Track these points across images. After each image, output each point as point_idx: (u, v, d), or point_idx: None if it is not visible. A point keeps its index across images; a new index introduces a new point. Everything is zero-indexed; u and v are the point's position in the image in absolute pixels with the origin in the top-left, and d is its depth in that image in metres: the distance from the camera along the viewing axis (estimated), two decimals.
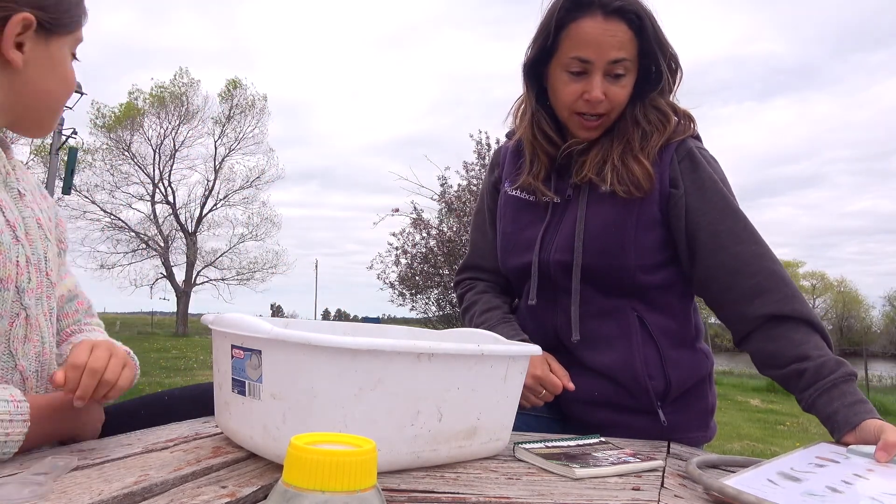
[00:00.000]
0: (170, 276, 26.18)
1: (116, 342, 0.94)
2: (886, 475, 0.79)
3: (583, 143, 1.21)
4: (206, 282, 27.46)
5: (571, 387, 1.17)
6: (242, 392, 0.77)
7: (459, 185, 10.72)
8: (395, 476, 0.77)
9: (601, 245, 1.16)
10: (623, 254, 1.16)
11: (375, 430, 0.73)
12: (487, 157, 10.32)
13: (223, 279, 27.72)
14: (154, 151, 25.65)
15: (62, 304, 1.02)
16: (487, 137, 10.59)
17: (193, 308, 26.62)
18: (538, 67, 1.21)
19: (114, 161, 25.07)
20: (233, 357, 0.78)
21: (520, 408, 0.96)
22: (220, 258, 27.41)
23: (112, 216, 25.26)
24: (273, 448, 0.74)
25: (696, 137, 1.22)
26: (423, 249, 10.89)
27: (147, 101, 25.29)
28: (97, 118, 24.47)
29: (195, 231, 26.42)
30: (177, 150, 25.94)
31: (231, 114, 26.52)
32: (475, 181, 10.38)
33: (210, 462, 0.76)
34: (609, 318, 1.19)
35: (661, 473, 0.85)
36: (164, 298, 30.26)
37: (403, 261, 11.20)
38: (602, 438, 1.02)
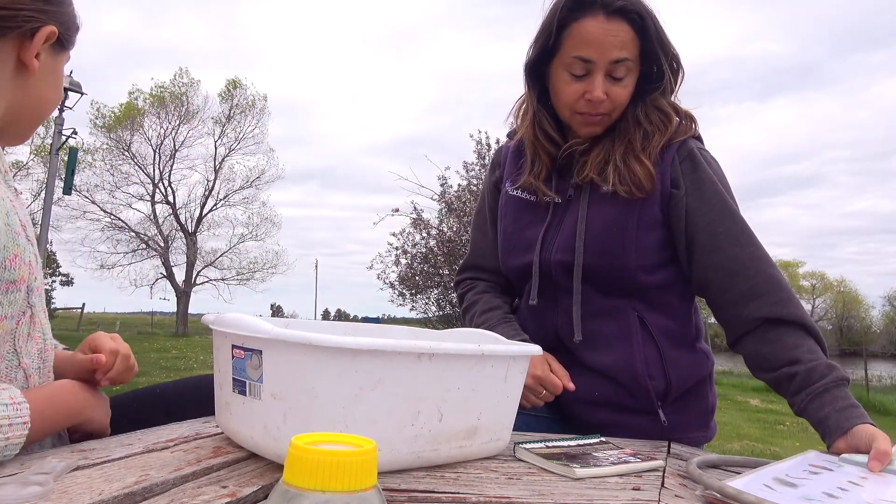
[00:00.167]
0: (170, 277, 26.18)
1: None
2: (881, 483, 0.79)
3: (585, 143, 1.21)
4: (206, 282, 27.46)
5: (572, 387, 1.17)
6: (243, 392, 0.77)
7: (459, 185, 10.73)
8: (396, 476, 0.77)
9: (602, 245, 1.16)
10: (624, 254, 1.16)
11: (376, 430, 0.73)
12: (487, 158, 10.32)
13: (223, 279, 27.72)
14: (154, 151, 25.66)
15: None
16: (487, 137, 10.60)
17: (193, 308, 26.63)
18: (539, 67, 1.21)
19: (114, 161, 25.07)
20: (233, 357, 0.78)
21: (520, 408, 0.96)
22: (220, 258, 27.41)
23: (112, 216, 25.27)
24: (274, 448, 0.74)
25: (698, 138, 1.22)
26: (423, 249, 10.90)
27: (147, 101, 25.28)
28: (97, 118, 24.48)
29: (195, 231, 26.41)
30: (177, 150, 25.94)
31: (231, 114, 26.51)
32: (475, 181, 10.38)
33: (211, 462, 0.76)
34: (609, 318, 1.19)
35: (662, 473, 0.85)
36: (165, 298, 30.33)
37: (403, 261, 11.21)
38: (602, 438, 1.02)
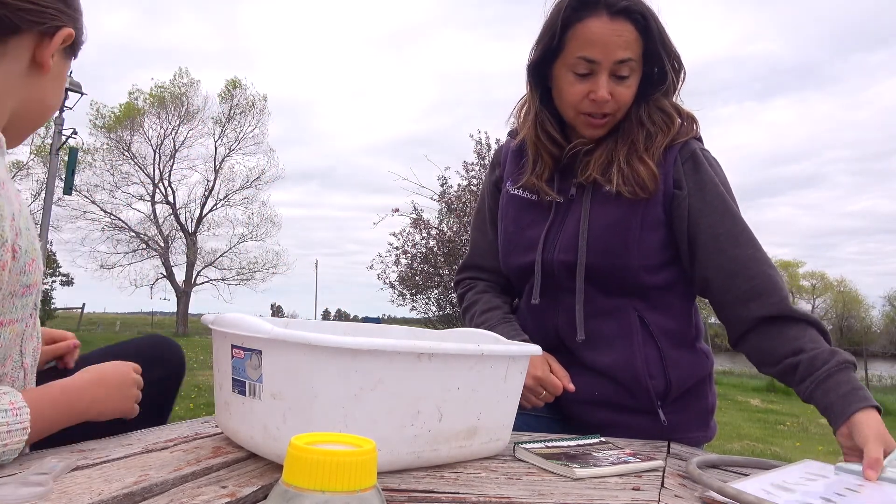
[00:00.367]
0: (170, 277, 26.18)
1: None
2: (877, 490, 0.79)
3: (589, 144, 1.21)
4: (207, 282, 27.45)
5: (572, 388, 1.17)
6: (243, 392, 0.77)
7: (459, 185, 10.73)
8: (396, 476, 0.77)
9: (605, 245, 1.16)
10: (627, 254, 1.15)
11: (376, 430, 0.73)
12: (487, 157, 10.32)
13: (223, 279, 27.71)
14: (154, 151, 25.65)
15: None
16: (487, 137, 10.59)
17: (193, 308, 26.62)
18: (542, 68, 1.21)
19: (114, 161, 25.07)
20: (233, 357, 0.78)
21: (520, 408, 0.96)
22: (220, 258, 27.41)
23: (112, 216, 25.26)
24: (273, 448, 0.74)
25: (698, 139, 1.22)
26: (423, 249, 10.89)
27: (147, 101, 25.29)
28: (97, 118, 24.48)
29: (195, 231, 26.41)
30: (177, 150, 25.93)
31: (231, 114, 26.51)
32: (475, 181, 10.38)
33: (210, 462, 0.76)
34: (610, 318, 1.19)
35: (662, 473, 0.85)
36: (165, 298, 30.33)
37: (403, 261, 11.20)
38: (602, 438, 1.02)
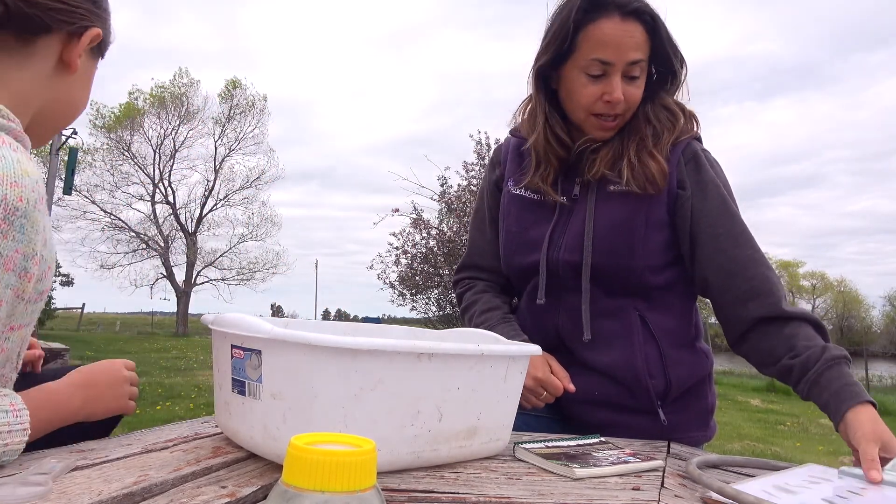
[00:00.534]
0: (170, 277, 26.19)
1: None
2: (879, 494, 0.79)
3: (598, 143, 1.20)
4: (207, 282, 27.48)
5: (572, 388, 1.17)
6: (242, 392, 0.77)
7: (459, 185, 10.74)
8: (396, 476, 0.77)
9: (610, 245, 1.16)
10: (631, 254, 1.16)
11: (375, 430, 0.73)
12: (487, 157, 10.31)
13: (223, 279, 27.74)
14: (154, 151, 25.68)
15: None
16: (487, 137, 10.61)
17: (193, 308, 26.64)
18: (549, 70, 1.20)
19: (114, 161, 25.09)
20: (233, 357, 0.78)
21: (520, 408, 0.96)
22: (220, 258, 27.44)
23: (112, 216, 25.29)
24: (273, 448, 0.74)
25: (698, 139, 1.23)
26: (424, 249, 10.90)
27: (147, 102, 25.30)
28: (97, 118, 24.48)
29: (195, 231, 26.43)
30: (177, 151, 25.96)
31: (231, 114, 26.54)
32: (475, 181, 10.38)
33: (210, 462, 0.76)
34: (611, 318, 1.19)
35: (661, 473, 0.85)
36: (165, 298, 30.34)
37: (403, 261, 11.21)
38: (602, 438, 1.02)
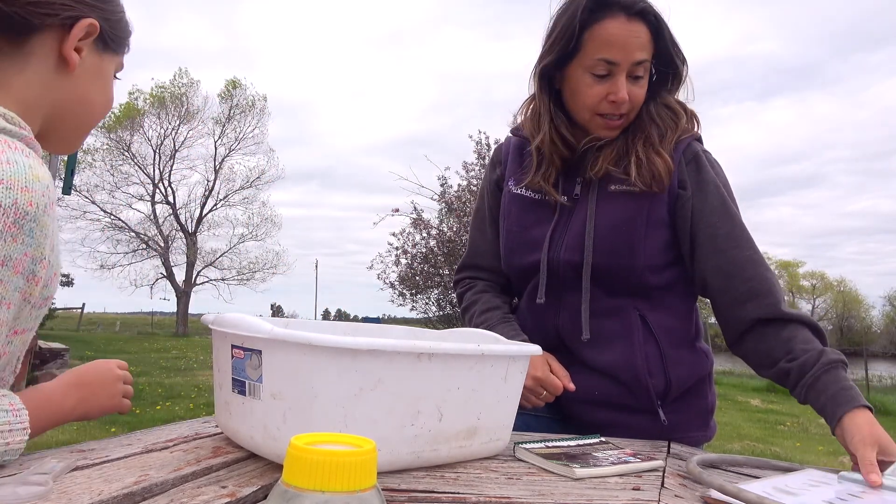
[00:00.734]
0: (170, 277, 26.21)
1: None
2: (879, 498, 0.79)
3: (602, 140, 1.20)
4: (207, 282, 27.50)
5: (572, 387, 1.17)
6: (243, 392, 0.77)
7: (459, 185, 10.74)
8: (396, 476, 0.77)
9: (611, 244, 1.16)
10: (632, 253, 1.16)
11: (376, 430, 0.73)
12: (487, 158, 10.32)
13: (223, 279, 27.75)
14: (154, 152, 25.70)
15: None
16: (487, 138, 10.61)
17: (193, 308, 26.66)
18: (551, 70, 1.20)
19: (114, 161, 25.10)
20: (233, 357, 0.78)
21: (520, 408, 0.96)
22: (221, 258, 27.45)
23: (112, 216, 25.31)
24: (273, 448, 0.74)
25: (698, 139, 1.23)
26: (424, 249, 10.90)
27: (147, 102, 25.31)
28: None
29: (195, 231, 26.44)
30: (177, 151, 25.98)
31: (231, 114, 26.55)
32: (475, 181, 10.39)
33: (210, 462, 0.76)
34: (612, 317, 1.19)
35: (662, 473, 0.85)
36: (165, 298, 30.33)
37: (403, 261, 11.21)
38: (602, 438, 1.02)
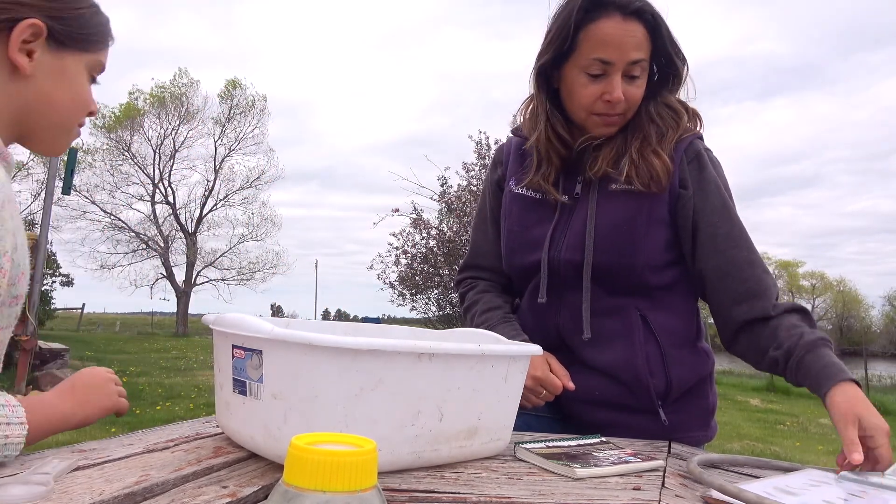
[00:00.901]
0: (170, 277, 26.21)
1: None
2: (879, 498, 0.79)
3: (599, 139, 1.20)
4: (207, 282, 27.51)
5: (571, 387, 1.17)
6: (243, 392, 0.77)
7: (459, 186, 10.73)
8: (396, 476, 0.77)
9: (611, 244, 1.16)
10: (633, 253, 1.16)
11: (376, 430, 0.73)
12: (487, 158, 10.32)
13: (223, 279, 27.76)
14: (154, 152, 25.72)
15: None
16: (487, 138, 10.60)
17: (193, 308, 26.68)
18: (549, 69, 1.20)
19: (114, 161, 25.12)
20: (234, 357, 0.79)
21: (520, 408, 0.96)
22: (220, 258, 27.46)
23: (112, 216, 25.33)
24: (274, 448, 0.75)
25: (700, 137, 1.23)
26: (423, 249, 10.89)
27: (147, 102, 25.33)
28: (97, 118, 24.48)
29: (195, 231, 26.45)
30: (177, 151, 26.00)
31: (231, 114, 26.57)
32: (475, 181, 10.38)
33: (211, 462, 0.76)
34: (612, 317, 1.19)
35: (662, 473, 0.85)
36: (165, 299, 30.35)
37: (403, 261, 11.20)
38: (603, 438, 1.02)
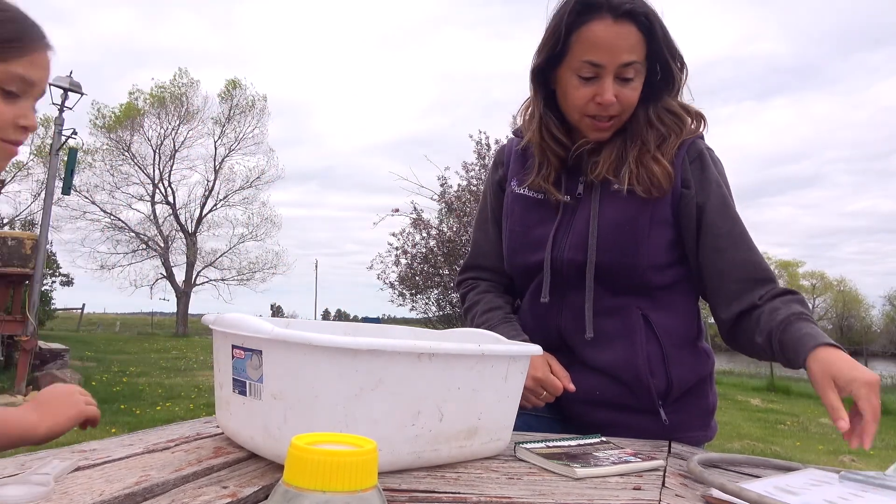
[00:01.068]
0: (170, 277, 26.23)
1: None
2: (880, 497, 0.79)
3: (591, 144, 1.20)
4: (206, 282, 27.52)
5: (572, 388, 1.17)
6: (243, 392, 0.77)
7: (459, 186, 10.72)
8: (396, 476, 0.77)
9: (614, 244, 1.16)
10: (636, 252, 1.16)
11: (376, 430, 0.73)
12: (487, 158, 10.32)
13: (223, 279, 27.78)
14: (154, 152, 25.74)
15: None
16: (487, 138, 10.59)
17: (193, 308, 26.68)
18: (546, 71, 1.20)
19: (114, 161, 25.15)
20: (233, 357, 0.78)
21: (520, 408, 0.96)
22: (220, 258, 27.47)
23: (112, 216, 25.35)
24: (274, 448, 0.74)
25: (701, 137, 1.23)
26: (423, 250, 10.89)
27: (147, 102, 25.34)
28: (97, 118, 24.54)
29: (195, 231, 26.46)
30: (177, 151, 26.02)
31: (231, 114, 26.59)
32: (475, 181, 10.38)
33: (211, 462, 0.76)
34: (614, 317, 1.19)
35: (663, 473, 0.85)
36: (164, 299, 30.40)
37: (403, 261, 11.20)
38: (603, 438, 1.02)
